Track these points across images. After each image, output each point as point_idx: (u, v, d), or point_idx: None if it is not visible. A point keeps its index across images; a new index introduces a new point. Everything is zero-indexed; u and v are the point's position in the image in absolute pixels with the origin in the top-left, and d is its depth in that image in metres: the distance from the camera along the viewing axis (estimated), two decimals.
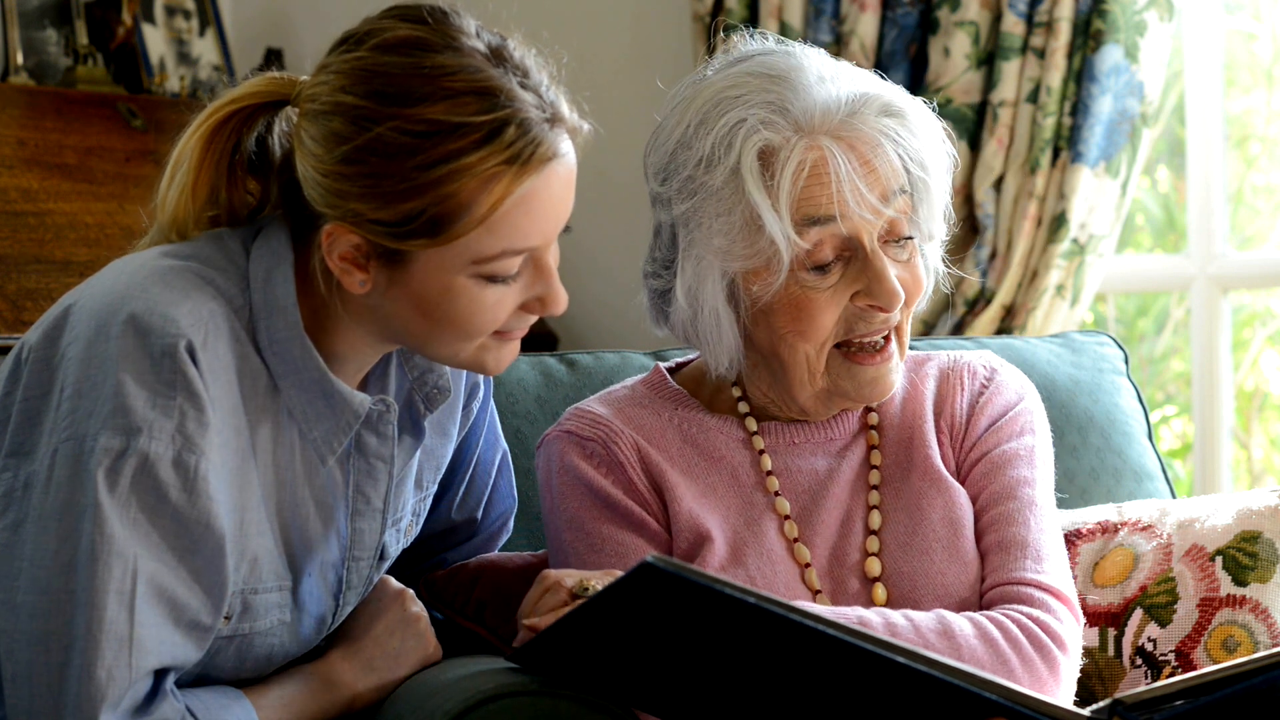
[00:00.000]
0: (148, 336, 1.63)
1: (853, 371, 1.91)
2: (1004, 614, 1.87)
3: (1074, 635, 1.90)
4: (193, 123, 1.74)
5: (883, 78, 1.95)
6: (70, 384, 1.64)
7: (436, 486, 1.95)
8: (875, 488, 1.97)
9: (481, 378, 1.97)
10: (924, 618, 1.84)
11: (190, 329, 1.64)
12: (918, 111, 1.91)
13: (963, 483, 1.97)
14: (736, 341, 1.94)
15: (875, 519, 1.95)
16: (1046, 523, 1.96)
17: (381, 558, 1.87)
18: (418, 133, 1.62)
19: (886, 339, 1.92)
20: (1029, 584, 1.90)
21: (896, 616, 1.83)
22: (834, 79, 1.90)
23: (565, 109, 1.69)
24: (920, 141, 1.89)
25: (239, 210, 1.76)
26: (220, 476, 1.66)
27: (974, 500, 1.96)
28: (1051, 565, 1.93)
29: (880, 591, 1.91)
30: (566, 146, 1.68)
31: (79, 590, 1.60)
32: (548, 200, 1.67)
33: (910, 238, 1.90)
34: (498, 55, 1.67)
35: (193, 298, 1.66)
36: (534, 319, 1.74)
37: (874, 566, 1.92)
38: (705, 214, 1.89)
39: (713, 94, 1.90)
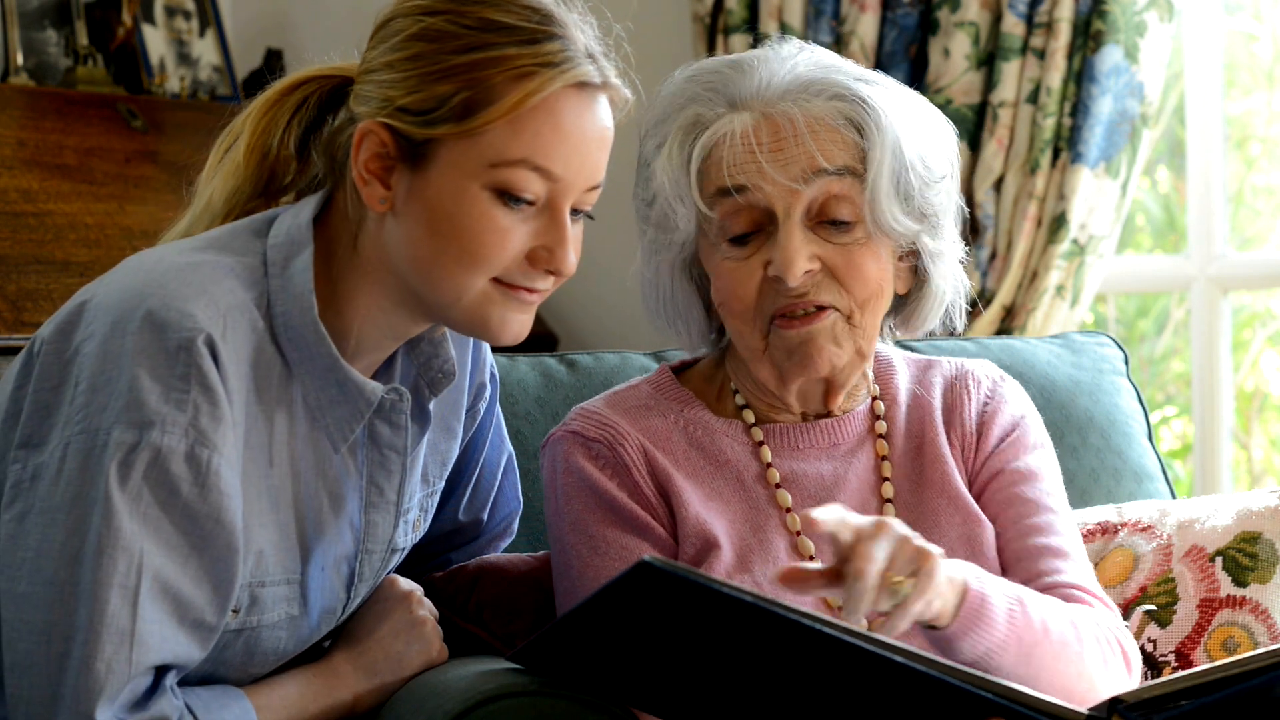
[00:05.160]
0: (164, 331, 1.64)
1: (782, 337, 1.90)
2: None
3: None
4: (250, 103, 1.82)
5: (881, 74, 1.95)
6: (85, 378, 1.64)
7: (443, 484, 1.96)
8: (889, 500, 1.97)
9: (487, 377, 1.97)
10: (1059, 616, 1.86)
11: (208, 322, 1.65)
12: (892, 107, 1.90)
13: (977, 498, 1.98)
14: (700, 314, 1.98)
15: None
16: (1075, 531, 2.00)
17: (391, 551, 1.87)
18: (466, 25, 1.69)
19: (820, 310, 1.89)
20: (1082, 590, 1.93)
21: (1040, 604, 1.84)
22: (799, 66, 1.92)
23: (612, 71, 1.75)
24: (877, 135, 1.88)
25: (280, 177, 1.81)
26: (234, 471, 1.67)
27: (994, 519, 1.97)
28: (1093, 576, 1.98)
29: None
30: (603, 96, 1.74)
31: (83, 582, 1.60)
32: (576, 129, 1.71)
33: (847, 222, 1.90)
34: (568, 2, 1.75)
35: (209, 291, 1.67)
36: (540, 281, 1.74)
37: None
38: (644, 185, 1.95)
39: (677, 81, 1.96)
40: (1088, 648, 1.84)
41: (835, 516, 1.63)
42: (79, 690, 1.60)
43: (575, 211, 1.74)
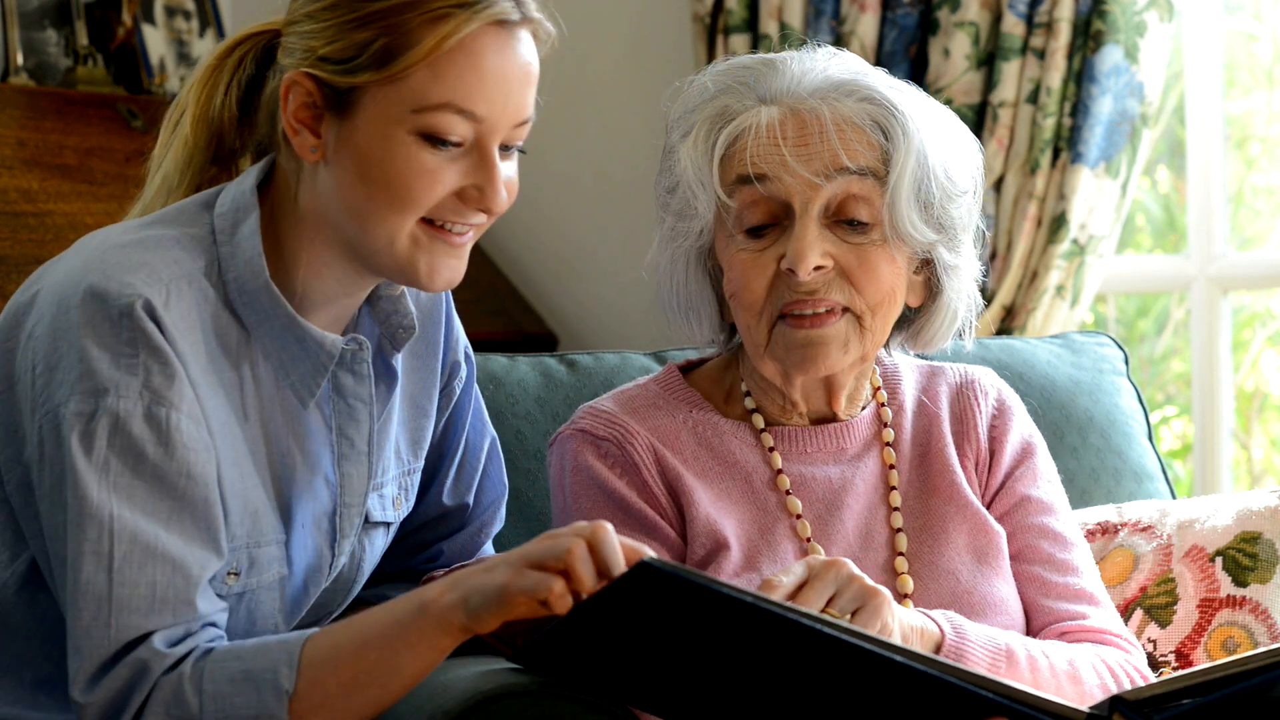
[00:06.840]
0: (105, 301, 1.66)
1: (786, 335, 1.90)
2: (1110, 660, 1.91)
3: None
4: (188, 79, 1.82)
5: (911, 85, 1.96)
6: (41, 361, 1.67)
7: (422, 464, 1.96)
8: (896, 509, 1.97)
9: (461, 357, 1.97)
10: (1058, 660, 1.86)
11: (146, 288, 1.67)
12: (921, 116, 1.91)
13: (999, 519, 1.99)
14: (713, 309, 1.98)
15: (902, 541, 1.95)
16: (1095, 567, 2.02)
17: (367, 521, 1.87)
18: None
19: (830, 313, 1.90)
20: (1112, 634, 1.94)
21: (1035, 653, 1.85)
22: (831, 69, 1.92)
23: (533, 5, 1.74)
24: (903, 139, 1.89)
25: (228, 140, 1.81)
26: (198, 426, 1.68)
27: (1022, 549, 1.98)
28: (1118, 616, 2.00)
29: (909, 607, 1.90)
30: (524, 31, 1.73)
31: (70, 557, 1.63)
32: (498, 68, 1.70)
33: (864, 223, 1.90)
34: None
35: (150, 263, 1.69)
36: (474, 218, 1.74)
37: (906, 584, 1.93)
38: (667, 173, 1.95)
39: (708, 74, 1.96)
40: (1092, 692, 1.85)
41: (792, 575, 1.71)
42: (74, 666, 1.63)
43: (506, 148, 1.74)
